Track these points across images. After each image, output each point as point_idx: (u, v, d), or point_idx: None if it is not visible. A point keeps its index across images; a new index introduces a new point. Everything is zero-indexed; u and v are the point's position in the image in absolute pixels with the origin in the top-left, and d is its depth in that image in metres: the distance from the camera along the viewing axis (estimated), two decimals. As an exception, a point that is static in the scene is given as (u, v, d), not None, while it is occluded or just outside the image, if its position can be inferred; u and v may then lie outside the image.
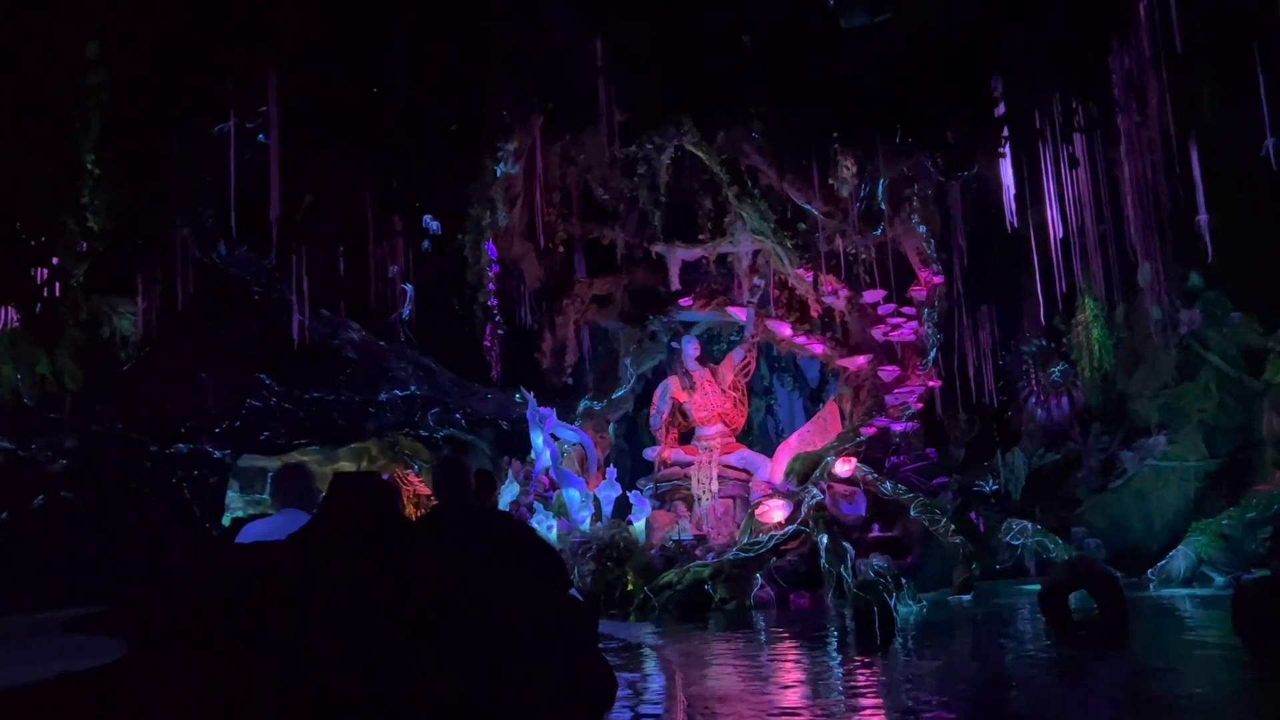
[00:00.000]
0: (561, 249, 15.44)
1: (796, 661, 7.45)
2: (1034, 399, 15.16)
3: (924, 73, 10.11)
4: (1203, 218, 10.68)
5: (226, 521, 16.00)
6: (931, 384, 13.81)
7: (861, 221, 12.80)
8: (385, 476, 18.23)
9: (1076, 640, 8.02)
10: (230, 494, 18.26)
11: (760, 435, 18.98)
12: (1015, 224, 13.36)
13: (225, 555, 4.33)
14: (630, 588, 12.02)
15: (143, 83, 10.23)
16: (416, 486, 20.34)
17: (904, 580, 9.65)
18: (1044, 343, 15.49)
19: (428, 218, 12.83)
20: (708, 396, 15.48)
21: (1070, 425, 14.60)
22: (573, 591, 4.94)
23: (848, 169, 12.97)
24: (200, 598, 3.75)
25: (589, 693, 4.16)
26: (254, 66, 9.86)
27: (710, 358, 16.39)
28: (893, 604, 8.54)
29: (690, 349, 15.65)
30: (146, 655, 3.73)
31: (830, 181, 12.84)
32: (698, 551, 12.19)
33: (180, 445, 15.76)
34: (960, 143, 10.57)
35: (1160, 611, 9.41)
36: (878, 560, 10.20)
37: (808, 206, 13.07)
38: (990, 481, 13.28)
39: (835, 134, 10.59)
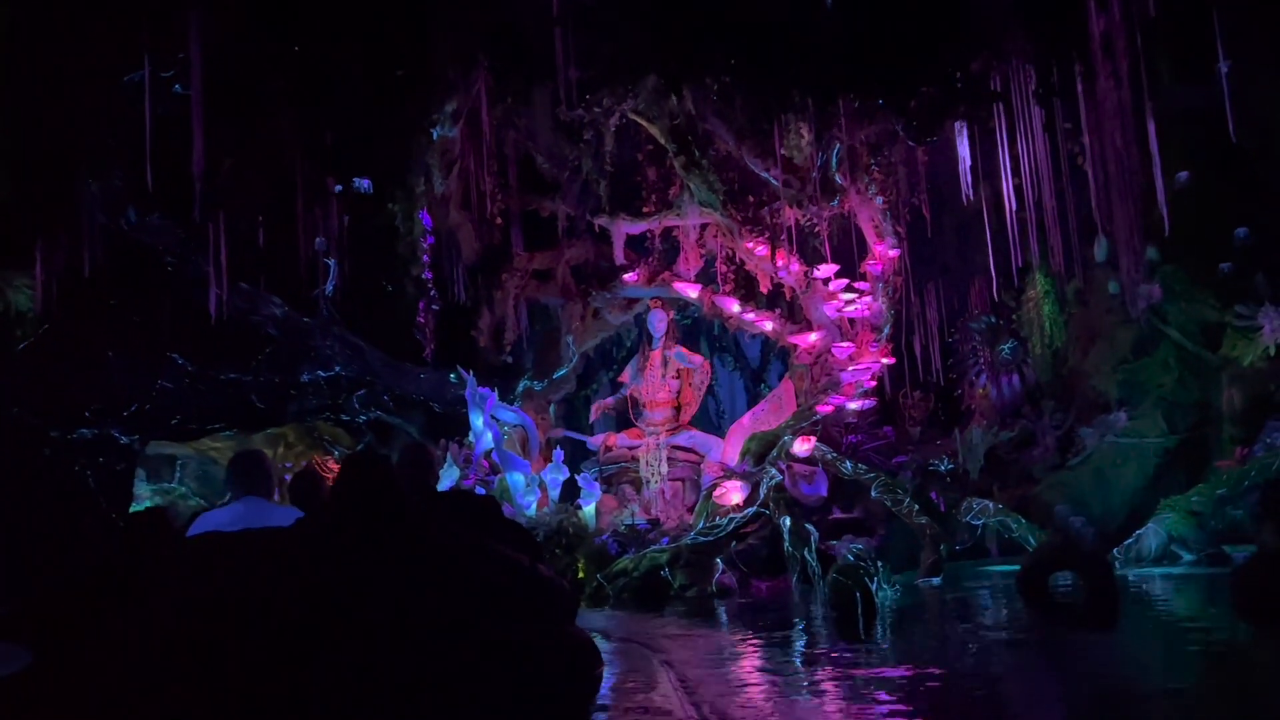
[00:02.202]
0: (499, 220, 14.66)
1: (784, 651, 6.90)
2: (984, 376, 14.94)
3: (897, 31, 9.62)
4: (1183, 175, 10.47)
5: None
6: (886, 360, 13.42)
7: (820, 191, 12.31)
8: (305, 464, 17.24)
9: (1067, 623, 7.64)
10: (137, 484, 17.07)
11: (700, 416, 18.48)
12: (971, 196, 13.07)
13: (217, 544, 3.93)
14: (581, 575, 11.38)
15: (44, 23, 9.15)
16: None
17: (879, 564, 9.18)
18: (993, 319, 15.29)
19: (358, 180, 11.87)
20: (650, 383, 14.93)
21: (1021, 403, 14.41)
22: None
23: (803, 136, 12.52)
24: (197, 587, 3.55)
25: (577, 663, 4.32)
26: (172, 5, 8.87)
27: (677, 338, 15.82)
28: (874, 589, 8.06)
29: (656, 325, 15.04)
30: (55, 662, 3.53)
31: (784, 152, 12.37)
32: (651, 536, 11.61)
33: (84, 430, 14.56)
34: (931, 105, 10.10)
35: (1138, 591, 9.12)
36: (856, 543, 9.74)
37: (766, 175, 12.52)
38: (945, 460, 12.94)
39: (800, 91, 9.98)
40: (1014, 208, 12.64)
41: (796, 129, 12.26)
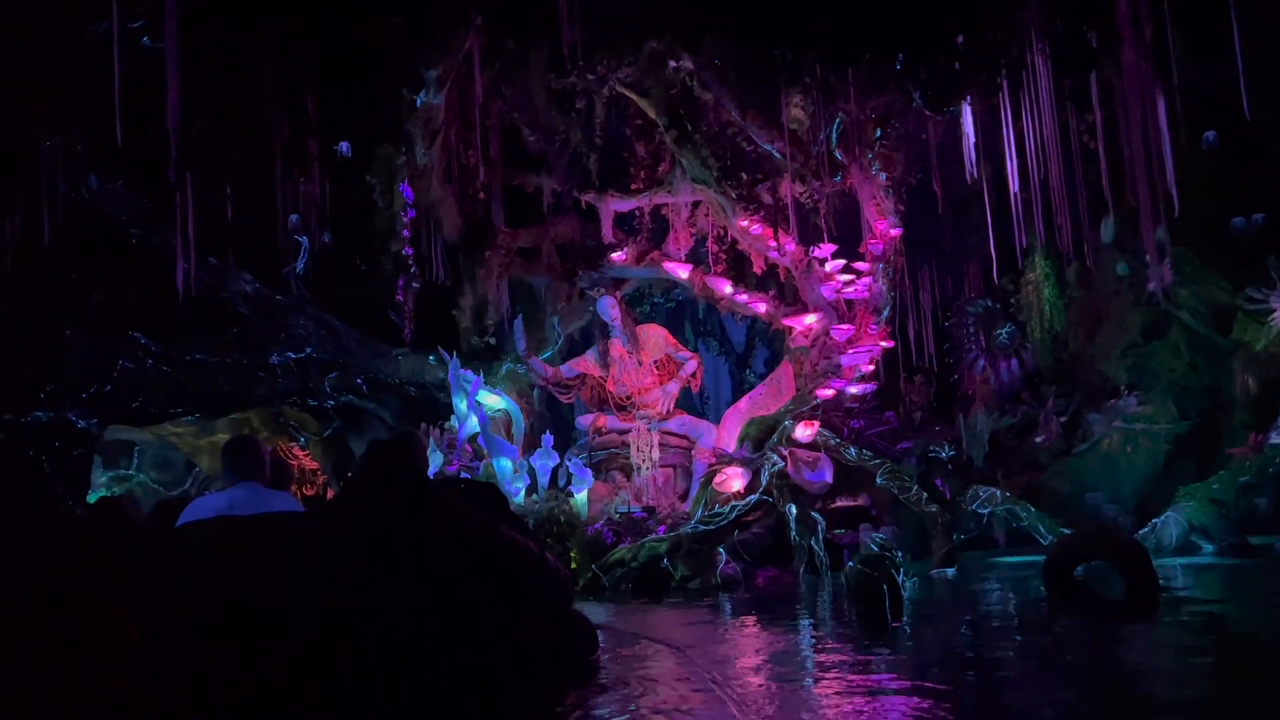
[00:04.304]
0: (482, 195, 14.02)
1: (812, 648, 6.38)
2: (982, 361, 14.56)
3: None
4: (1210, 134, 10.12)
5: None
6: (886, 344, 12.94)
7: (822, 166, 11.82)
8: (269, 449, 16.48)
9: (1115, 621, 7.13)
10: (93, 470, 16.22)
11: (685, 401, 17.97)
12: (975, 174, 12.66)
13: (235, 528, 3.76)
14: (574, 565, 10.82)
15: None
16: (302, 461, 18.61)
17: (900, 554, 8.71)
18: (989, 303, 14.91)
19: (343, 145, 11.18)
20: (626, 373, 14.30)
21: (1020, 388, 14.06)
22: None
23: (802, 108, 12.03)
24: (217, 570, 3.44)
25: (576, 640, 4.59)
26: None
27: (635, 319, 15.18)
28: (900, 581, 7.58)
29: (607, 311, 14.29)
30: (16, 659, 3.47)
31: (791, 125, 11.88)
32: (649, 524, 11.07)
33: (39, 413, 13.70)
34: (949, 73, 9.61)
35: (1171, 584, 8.66)
36: (877, 533, 9.27)
37: (768, 147, 12.00)
38: (947, 446, 12.51)
39: (813, 56, 9.45)
40: (1016, 187, 12.26)
41: (801, 100, 11.75)
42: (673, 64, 11.94)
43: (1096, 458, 12.13)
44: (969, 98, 12.00)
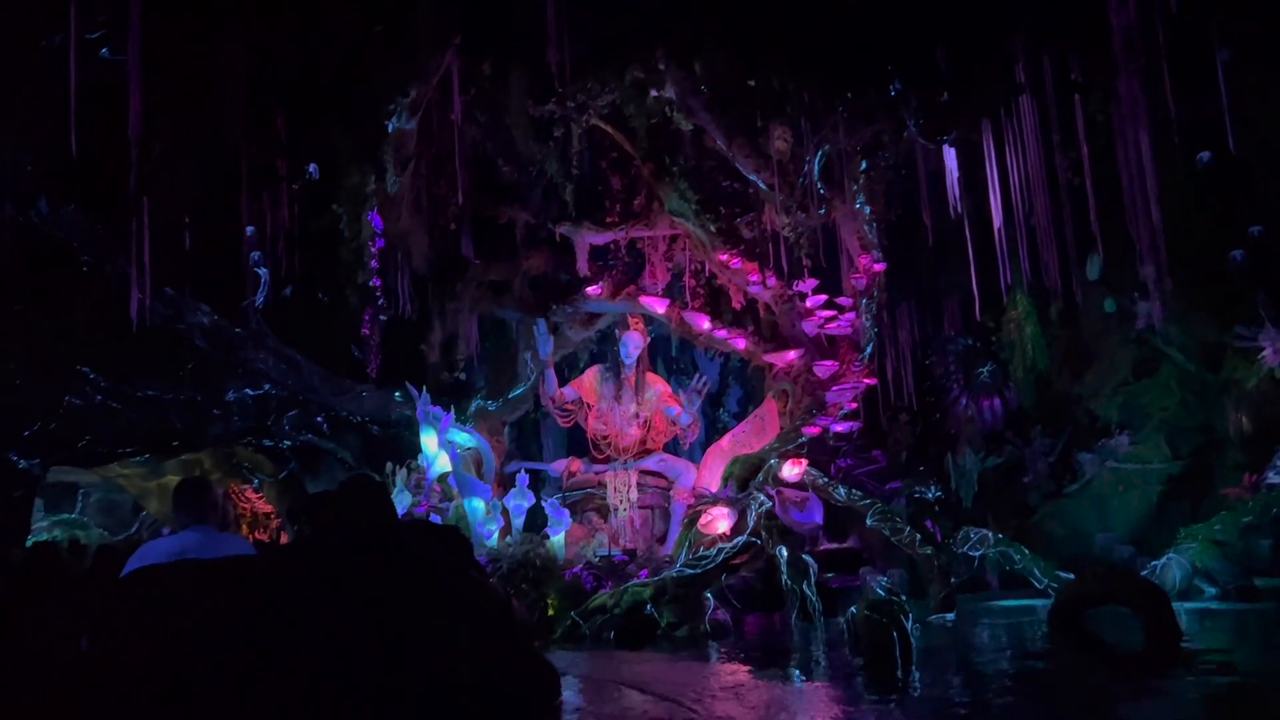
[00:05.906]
0: (454, 225, 13.54)
1: (827, 705, 5.90)
2: (964, 400, 14.26)
3: (910, 25, 8.88)
4: (1204, 155, 9.99)
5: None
6: (868, 381, 12.60)
7: (808, 198, 11.52)
8: (220, 492, 15.76)
9: (1138, 672, 6.70)
10: (35, 514, 15.32)
11: (657, 441, 17.49)
12: (959, 209, 12.45)
13: (198, 571, 3.57)
14: (552, 612, 10.24)
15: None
16: (255, 504, 17.81)
17: (905, 599, 8.28)
18: (970, 341, 14.66)
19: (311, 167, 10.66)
20: (613, 414, 13.76)
21: (1003, 427, 13.76)
22: None
23: (785, 141, 11.75)
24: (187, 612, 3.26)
25: (538, 681, 4.56)
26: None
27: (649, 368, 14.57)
28: (909, 628, 7.14)
29: (629, 349, 13.74)
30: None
31: (774, 155, 11.58)
32: (631, 569, 10.53)
33: (-23, 453, 12.92)
34: (949, 101, 9.37)
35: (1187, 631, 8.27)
36: (882, 576, 8.82)
37: (753, 176, 11.68)
38: (933, 487, 12.14)
39: (803, 81, 9.14)
40: (1000, 223, 12.06)
41: (783, 132, 11.47)
42: (654, 93, 11.63)
43: (1088, 499, 11.83)
44: (957, 130, 11.83)
